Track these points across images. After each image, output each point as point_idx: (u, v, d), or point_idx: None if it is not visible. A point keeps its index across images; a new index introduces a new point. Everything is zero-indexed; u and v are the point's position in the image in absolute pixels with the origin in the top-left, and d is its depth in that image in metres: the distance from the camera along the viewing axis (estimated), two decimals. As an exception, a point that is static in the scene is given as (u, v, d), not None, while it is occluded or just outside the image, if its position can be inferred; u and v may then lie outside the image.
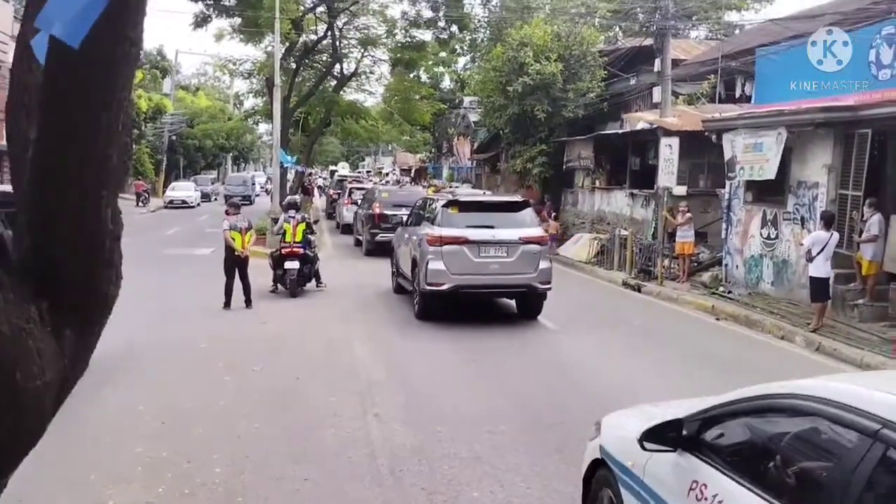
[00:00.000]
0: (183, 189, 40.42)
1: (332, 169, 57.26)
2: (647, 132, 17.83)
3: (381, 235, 18.30)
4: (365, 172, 54.25)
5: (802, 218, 12.20)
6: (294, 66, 29.35)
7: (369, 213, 19.81)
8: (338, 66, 30.49)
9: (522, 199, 12.40)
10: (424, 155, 49.79)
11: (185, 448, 5.80)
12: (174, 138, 47.99)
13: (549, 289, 11.09)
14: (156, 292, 12.24)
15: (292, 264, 12.91)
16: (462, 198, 11.85)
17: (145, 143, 44.08)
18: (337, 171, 48.74)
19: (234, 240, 11.78)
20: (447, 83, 43.45)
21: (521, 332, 10.71)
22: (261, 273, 13.06)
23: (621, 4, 26.26)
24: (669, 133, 15.72)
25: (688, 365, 8.82)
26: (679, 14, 18.69)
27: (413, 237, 11.91)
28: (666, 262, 15.30)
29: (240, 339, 9.74)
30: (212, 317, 11.18)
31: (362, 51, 30.77)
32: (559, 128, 22.70)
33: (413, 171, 51.55)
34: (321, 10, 28.44)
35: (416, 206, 13.40)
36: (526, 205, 11.83)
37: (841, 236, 10.86)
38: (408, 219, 13.71)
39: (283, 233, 13.15)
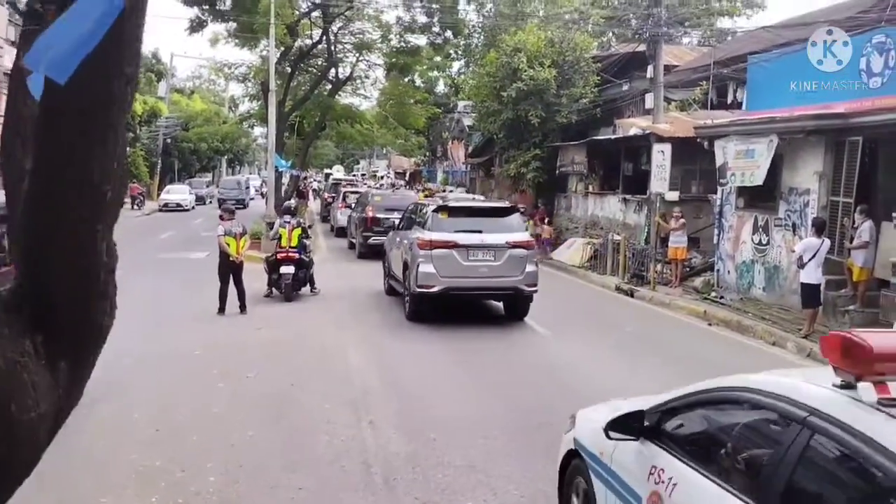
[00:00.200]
0: (177, 192, 40.36)
1: (327, 172, 57.16)
2: (640, 138, 17.90)
3: (374, 239, 18.47)
4: (360, 175, 54.12)
5: (794, 224, 12.28)
6: (289, 70, 29.36)
7: (362, 216, 20.01)
8: (333, 70, 30.56)
9: (510, 205, 12.88)
10: (419, 158, 49.74)
11: (179, 456, 5.81)
12: (169, 141, 47.82)
13: (536, 291, 11.37)
14: (150, 298, 12.24)
15: (288, 269, 12.98)
16: (451, 203, 12.23)
17: (140, 147, 43.96)
18: (332, 175, 48.67)
19: (229, 245, 11.79)
20: (441, 87, 43.54)
21: (513, 335, 10.79)
22: (256, 278, 13.07)
23: (614, 11, 26.38)
24: (662, 139, 15.81)
25: (679, 369, 8.82)
26: (671, 21, 18.78)
27: (404, 241, 12.18)
28: (658, 267, 15.38)
29: (234, 345, 9.75)
30: (206, 322, 11.19)
31: (357, 55, 30.85)
32: (553, 133, 22.76)
33: (408, 174, 51.53)
34: (316, 14, 28.50)
35: (408, 211, 13.75)
36: (513, 210, 12.22)
37: (832, 243, 10.94)
38: (400, 223, 13.95)
39: (279, 237, 13.26)
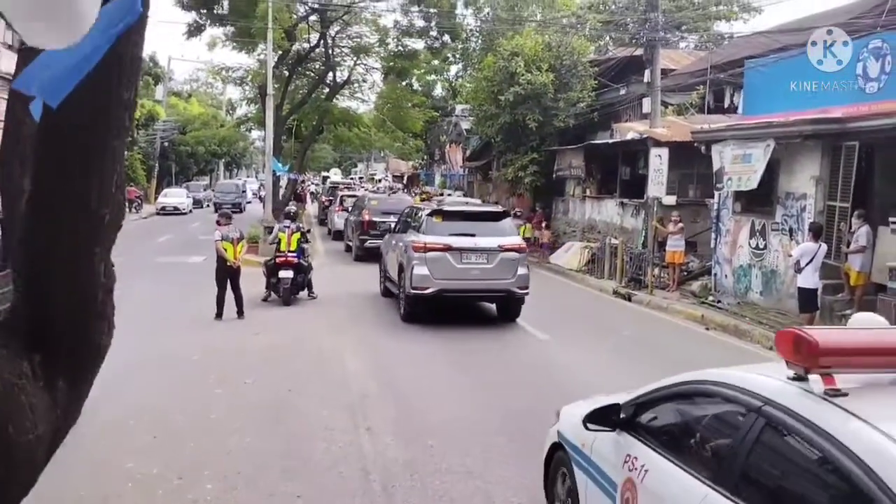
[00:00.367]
0: (175, 195, 40.31)
1: (325, 175, 57.13)
2: (637, 142, 17.93)
3: (370, 242, 18.64)
4: (357, 179, 54.11)
5: (791, 229, 12.30)
6: (287, 74, 29.34)
7: (359, 220, 20.16)
8: (330, 74, 30.53)
9: (502, 210, 13.24)
10: (417, 162, 49.75)
11: (176, 463, 5.79)
12: (166, 145, 47.79)
13: (527, 293, 11.64)
14: (148, 302, 12.22)
15: (286, 273, 13.02)
16: (446, 207, 12.44)
17: (137, 150, 43.87)
18: (329, 178, 48.65)
19: (226, 250, 11.78)
20: (439, 91, 43.58)
21: (508, 337, 10.88)
22: (253, 282, 13.07)
23: (612, 15, 26.43)
24: (659, 143, 15.83)
25: (675, 373, 8.84)
26: (668, 25, 18.83)
27: (400, 244, 12.38)
28: (656, 271, 15.39)
29: (232, 350, 9.75)
30: (204, 328, 11.17)
31: (355, 59, 30.82)
32: (550, 137, 22.81)
33: (405, 177, 51.54)
34: (314, 19, 28.50)
35: (404, 215, 13.98)
36: (506, 215, 12.59)
37: (829, 247, 10.97)
38: (395, 226, 14.13)
39: (278, 242, 13.32)
